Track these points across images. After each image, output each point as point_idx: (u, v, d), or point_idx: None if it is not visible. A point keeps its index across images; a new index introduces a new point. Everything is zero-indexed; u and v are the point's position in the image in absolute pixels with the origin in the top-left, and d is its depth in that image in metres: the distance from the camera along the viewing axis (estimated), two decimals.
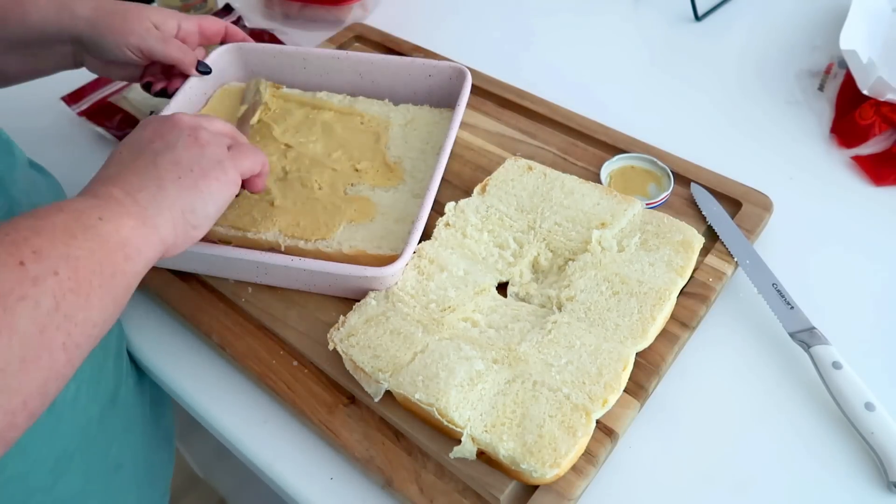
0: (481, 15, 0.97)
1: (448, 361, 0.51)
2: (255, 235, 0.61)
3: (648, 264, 0.57)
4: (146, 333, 0.63)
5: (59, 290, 0.36)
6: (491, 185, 0.64)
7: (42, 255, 0.36)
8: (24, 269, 0.35)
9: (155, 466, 0.68)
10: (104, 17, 0.63)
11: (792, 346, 0.56)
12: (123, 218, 0.42)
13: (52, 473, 0.52)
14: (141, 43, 0.63)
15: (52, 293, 0.36)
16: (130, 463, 0.62)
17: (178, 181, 0.46)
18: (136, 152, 0.48)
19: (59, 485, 0.53)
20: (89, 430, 0.56)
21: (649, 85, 0.84)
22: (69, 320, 0.37)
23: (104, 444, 0.58)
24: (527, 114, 0.77)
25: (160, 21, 0.65)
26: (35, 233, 0.38)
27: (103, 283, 0.39)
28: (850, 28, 0.76)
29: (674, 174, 0.67)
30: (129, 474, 0.62)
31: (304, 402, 0.55)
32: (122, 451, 0.61)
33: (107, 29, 0.62)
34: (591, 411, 0.48)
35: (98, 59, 0.65)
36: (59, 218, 0.39)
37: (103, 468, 0.58)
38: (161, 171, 0.46)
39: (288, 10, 0.98)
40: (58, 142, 0.81)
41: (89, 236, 0.40)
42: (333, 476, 0.53)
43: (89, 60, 0.66)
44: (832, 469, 0.51)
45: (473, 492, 0.50)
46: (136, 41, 0.63)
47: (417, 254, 0.59)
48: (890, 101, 0.71)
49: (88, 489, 0.56)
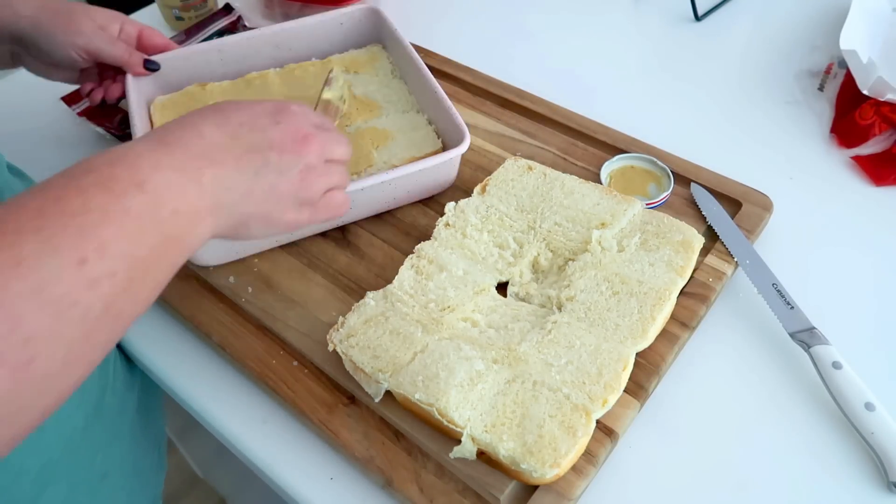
0: (481, 14, 0.97)
1: (448, 361, 0.51)
2: None
3: (648, 264, 0.57)
4: (146, 333, 0.63)
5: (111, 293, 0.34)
6: (491, 185, 0.64)
7: (106, 251, 0.34)
8: (82, 270, 0.33)
9: (144, 473, 0.67)
10: (49, 16, 0.61)
11: (792, 346, 0.56)
12: (201, 215, 0.40)
13: (35, 484, 0.52)
14: (88, 44, 0.62)
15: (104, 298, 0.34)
16: (117, 471, 0.62)
17: (267, 201, 0.44)
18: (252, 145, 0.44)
19: (44, 495, 0.53)
20: (73, 440, 0.55)
21: (649, 85, 0.84)
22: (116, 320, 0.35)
23: (89, 453, 0.57)
24: (527, 114, 0.77)
25: (105, 22, 0.64)
26: (105, 218, 0.34)
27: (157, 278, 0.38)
28: (850, 28, 0.76)
29: (674, 174, 0.67)
30: (117, 482, 0.61)
31: (304, 402, 0.55)
32: (109, 460, 0.60)
33: (52, 29, 0.61)
34: (591, 411, 0.48)
35: (39, 59, 0.64)
36: (135, 201, 0.36)
37: (89, 477, 0.58)
38: (254, 186, 0.44)
39: (288, 10, 0.97)
40: (58, 142, 0.81)
41: (159, 231, 0.37)
42: (333, 476, 0.53)
43: (28, 60, 0.65)
44: (832, 469, 0.51)
45: (473, 492, 0.50)
46: (83, 42, 0.61)
47: (417, 254, 0.59)
48: (890, 101, 0.71)
49: (73, 499, 0.56)
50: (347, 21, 0.74)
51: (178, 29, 0.98)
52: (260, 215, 0.45)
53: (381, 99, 0.73)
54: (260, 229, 0.46)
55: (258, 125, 0.45)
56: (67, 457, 0.55)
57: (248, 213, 0.44)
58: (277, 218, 0.46)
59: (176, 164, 0.39)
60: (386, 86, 0.74)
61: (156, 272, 0.37)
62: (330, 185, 0.48)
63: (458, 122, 0.64)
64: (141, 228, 0.36)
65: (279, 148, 0.45)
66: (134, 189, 0.36)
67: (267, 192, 0.44)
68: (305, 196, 0.47)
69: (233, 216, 0.43)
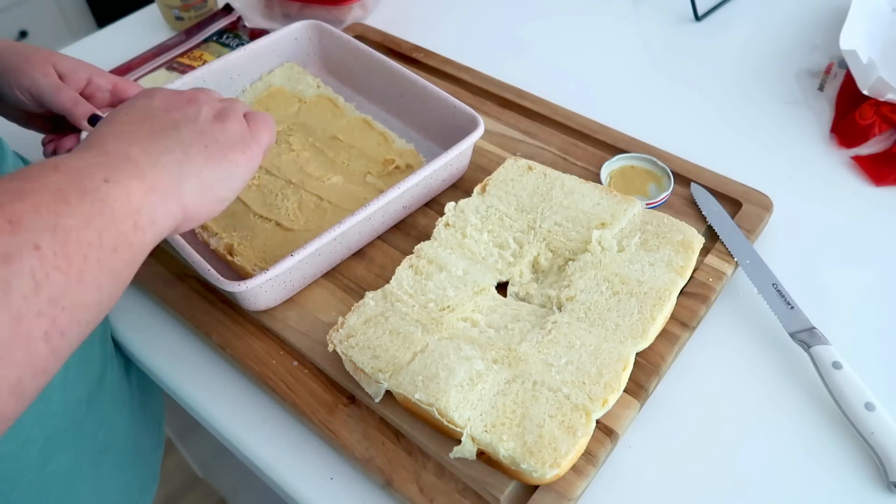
0: (481, 15, 0.97)
1: (448, 361, 0.51)
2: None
3: (648, 264, 0.57)
4: (146, 333, 0.63)
5: (40, 269, 0.30)
6: (491, 185, 0.64)
7: (20, 224, 0.30)
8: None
9: (144, 449, 0.68)
10: (6, 54, 0.59)
11: (792, 346, 0.56)
12: (135, 181, 0.37)
13: (42, 453, 0.53)
14: (32, 86, 0.59)
15: (31, 273, 0.30)
16: (119, 445, 0.63)
17: (206, 150, 0.43)
18: (149, 117, 0.43)
19: (50, 465, 0.54)
20: (78, 412, 0.56)
21: (649, 85, 0.84)
22: (54, 304, 0.31)
23: (93, 426, 0.59)
24: (527, 114, 0.77)
25: (69, 70, 0.61)
26: (17, 197, 0.32)
27: (102, 258, 0.34)
28: (850, 28, 0.76)
29: (674, 174, 0.67)
30: (118, 456, 0.63)
31: (304, 402, 0.55)
32: (111, 434, 0.61)
33: (4, 68, 0.59)
34: (591, 411, 0.48)
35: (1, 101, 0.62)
36: (52, 178, 0.33)
37: (92, 449, 0.59)
38: (185, 137, 0.42)
39: (288, 9, 0.97)
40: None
41: (87, 201, 0.34)
42: (333, 476, 0.53)
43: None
44: (832, 469, 0.51)
45: (473, 492, 0.50)
46: (27, 83, 0.59)
47: (416, 254, 0.59)
48: (890, 101, 0.71)
49: (77, 470, 0.57)
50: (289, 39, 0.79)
51: (179, 29, 0.98)
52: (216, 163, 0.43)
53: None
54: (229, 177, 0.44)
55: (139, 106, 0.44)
56: (72, 429, 0.56)
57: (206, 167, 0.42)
58: (233, 157, 0.44)
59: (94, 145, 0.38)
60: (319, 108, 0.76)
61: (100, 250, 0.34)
62: (241, 108, 0.48)
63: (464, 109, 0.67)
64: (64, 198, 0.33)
65: (173, 107, 0.44)
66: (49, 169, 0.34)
67: (200, 139, 0.43)
68: (233, 127, 0.46)
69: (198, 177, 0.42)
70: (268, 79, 0.79)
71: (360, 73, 0.78)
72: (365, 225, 0.62)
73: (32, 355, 0.30)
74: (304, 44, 0.81)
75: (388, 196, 0.60)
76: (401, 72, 0.73)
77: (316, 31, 0.81)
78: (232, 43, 0.91)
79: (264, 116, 0.50)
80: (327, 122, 0.74)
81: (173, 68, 0.88)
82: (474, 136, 0.64)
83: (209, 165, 0.43)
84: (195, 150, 0.42)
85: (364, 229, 0.62)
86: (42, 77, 0.59)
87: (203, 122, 0.44)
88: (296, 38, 0.80)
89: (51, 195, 0.33)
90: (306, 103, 0.77)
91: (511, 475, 0.48)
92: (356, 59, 0.77)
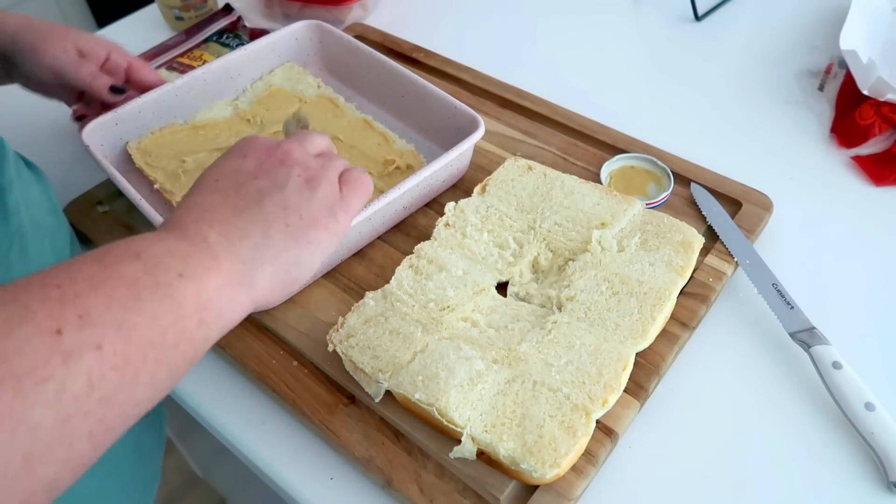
0: (481, 15, 0.97)
1: (448, 361, 0.51)
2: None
3: (648, 264, 0.57)
4: None
5: (97, 369, 0.29)
6: (491, 185, 0.64)
7: (89, 320, 0.29)
8: (58, 340, 0.28)
9: (144, 449, 0.68)
10: (27, 34, 0.61)
11: (792, 346, 0.56)
12: (211, 275, 0.35)
13: None
14: (52, 63, 0.61)
15: (87, 373, 0.29)
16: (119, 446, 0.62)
17: (286, 229, 0.40)
18: (237, 184, 0.41)
19: None
20: None
21: (649, 85, 0.84)
22: (104, 403, 0.29)
23: None
24: (527, 114, 0.77)
25: (88, 47, 0.63)
26: (92, 287, 0.30)
27: (161, 357, 0.32)
28: (850, 28, 0.76)
29: (674, 174, 0.67)
30: (118, 457, 0.62)
31: (304, 402, 0.55)
32: None
33: (24, 46, 0.61)
34: (591, 411, 0.48)
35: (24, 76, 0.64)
36: (129, 268, 0.32)
37: None
38: (268, 214, 0.39)
39: (288, 10, 0.97)
40: (58, 142, 0.81)
41: (157, 296, 0.32)
42: (333, 476, 0.53)
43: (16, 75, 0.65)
44: (832, 469, 0.51)
45: (473, 492, 0.50)
46: (48, 61, 0.61)
47: (416, 254, 0.59)
48: (890, 101, 0.71)
49: None
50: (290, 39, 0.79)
51: (179, 29, 0.98)
52: (296, 243, 0.40)
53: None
54: (309, 257, 0.41)
55: (230, 169, 0.42)
56: None
57: (284, 249, 0.39)
58: (314, 234, 0.41)
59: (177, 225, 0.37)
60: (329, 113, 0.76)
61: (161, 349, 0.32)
62: (337, 169, 0.44)
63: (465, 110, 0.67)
64: (136, 294, 0.32)
65: (262, 170, 0.42)
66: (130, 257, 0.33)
67: (283, 214, 0.40)
68: (323, 194, 0.42)
69: (273, 263, 0.39)
70: (268, 78, 0.79)
71: (361, 73, 0.78)
72: (365, 225, 0.62)
73: (73, 453, 0.29)
74: (304, 44, 0.81)
75: (388, 197, 0.60)
76: (401, 72, 0.73)
77: (317, 32, 0.81)
78: (232, 43, 0.91)
79: (360, 177, 0.45)
80: (328, 122, 0.74)
81: (173, 68, 0.88)
82: (475, 138, 0.64)
83: (288, 247, 0.40)
84: (275, 230, 0.39)
85: (364, 230, 0.62)
86: (62, 54, 0.61)
87: (290, 192, 0.41)
88: (296, 38, 0.81)
89: (126, 288, 0.31)
90: (307, 103, 0.77)
91: (511, 475, 0.48)
92: (357, 59, 0.77)
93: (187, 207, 0.39)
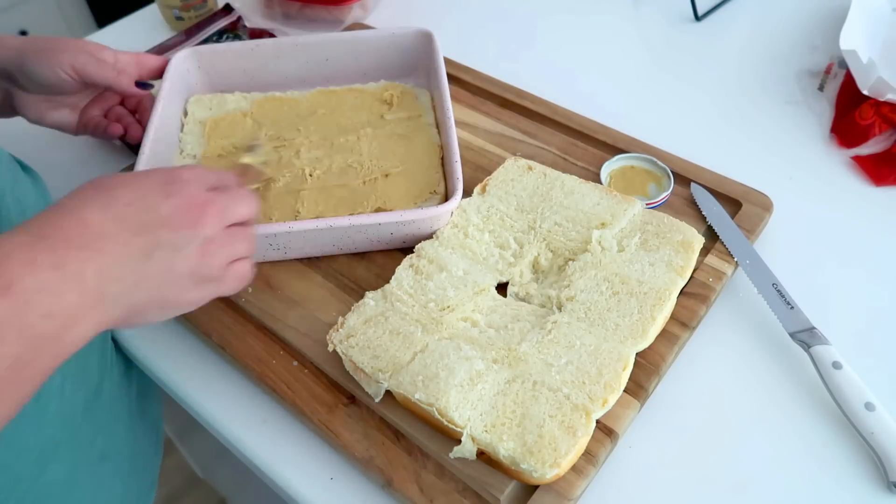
0: (480, 15, 0.97)
1: (448, 361, 0.51)
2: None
3: (648, 264, 0.57)
4: (145, 333, 0.63)
5: None
6: (491, 185, 0.64)
7: None
8: None
9: (142, 457, 0.68)
10: (34, 46, 0.62)
11: (792, 346, 0.56)
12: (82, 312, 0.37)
13: (37, 463, 0.53)
14: (74, 61, 0.62)
15: None
16: (116, 454, 0.63)
17: (157, 289, 0.41)
18: (141, 225, 0.41)
19: (46, 474, 0.53)
20: (74, 420, 0.56)
21: (649, 85, 0.84)
22: None
23: (90, 435, 0.58)
24: (527, 114, 0.77)
25: (95, 50, 0.64)
26: None
27: (22, 387, 0.35)
28: (850, 28, 0.76)
29: (674, 174, 0.67)
30: (117, 464, 0.63)
31: (304, 402, 0.55)
32: (108, 442, 0.61)
33: (37, 53, 0.61)
34: (591, 411, 0.48)
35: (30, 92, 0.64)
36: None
37: (89, 458, 0.59)
38: (149, 271, 0.41)
39: (288, 9, 0.98)
40: (58, 143, 0.81)
41: (25, 336, 0.34)
42: (333, 476, 0.53)
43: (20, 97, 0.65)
44: (832, 469, 0.51)
45: (473, 492, 0.50)
46: (69, 60, 0.61)
47: (417, 253, 0.59)
48: (890, 101, 0.71)
49: (74, 479, 0.57)
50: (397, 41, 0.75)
51: (178, 29, 0.98)
52: (156, 301, 0.42)
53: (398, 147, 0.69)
54: (156, 314, 0.43)
55: (147, 203, 0.42)
56: (68, 437, 0.55)
57: (142, 301, 0.41)
58: (176, 300, 0.43)
59: (55, 261, 0.36)
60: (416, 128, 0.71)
61: (20, 381, 0.35)
62: (232, 255, 0.45)
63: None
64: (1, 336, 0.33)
65: (172, 224, 0.42)
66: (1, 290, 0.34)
67: (162, 276, 0.41)
68: (206, 273, 0.43)
69: (121, 307, 0.40)
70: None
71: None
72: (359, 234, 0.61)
73: None
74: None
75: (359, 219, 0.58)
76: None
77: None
78: None
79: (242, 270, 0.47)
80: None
81: None
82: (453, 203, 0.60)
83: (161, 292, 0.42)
84: (149, 284, 0.41)
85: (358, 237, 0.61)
86: (80, 53, 0.62)
87: (181, 258, 0.42)
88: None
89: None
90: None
91: (511, 475, 0.48)
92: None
93: (81, 220, 0.39)
